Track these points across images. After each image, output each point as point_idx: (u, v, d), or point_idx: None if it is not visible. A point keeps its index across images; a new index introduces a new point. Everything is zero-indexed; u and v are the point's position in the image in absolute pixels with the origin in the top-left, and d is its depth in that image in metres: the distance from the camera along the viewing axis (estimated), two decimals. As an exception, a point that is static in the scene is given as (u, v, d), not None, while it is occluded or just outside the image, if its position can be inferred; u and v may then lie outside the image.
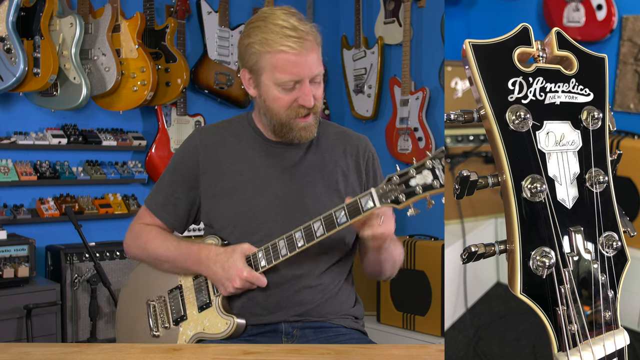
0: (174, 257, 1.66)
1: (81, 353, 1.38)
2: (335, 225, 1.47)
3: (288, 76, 1.52)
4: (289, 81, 1.53)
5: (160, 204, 1.71)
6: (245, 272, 1.55)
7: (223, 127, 1.74)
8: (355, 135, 1.77)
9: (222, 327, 1.59)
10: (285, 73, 1.52)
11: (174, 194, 1.70)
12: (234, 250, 1.58)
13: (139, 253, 1.73)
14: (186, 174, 1.69)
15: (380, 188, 1.42)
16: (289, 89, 1.54)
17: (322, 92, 1.60)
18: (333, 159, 1.69)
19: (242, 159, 1.67)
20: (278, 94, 1.55)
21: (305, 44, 1.52)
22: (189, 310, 1.66)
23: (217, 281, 1.59)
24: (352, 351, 1.41)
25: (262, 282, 1.56)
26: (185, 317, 1.66)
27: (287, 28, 1.51)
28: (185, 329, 1.65)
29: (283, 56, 1.51)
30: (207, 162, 1.67)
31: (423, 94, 3.77)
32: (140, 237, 1.72)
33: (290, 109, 1.57)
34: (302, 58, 1.52)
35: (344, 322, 1.66)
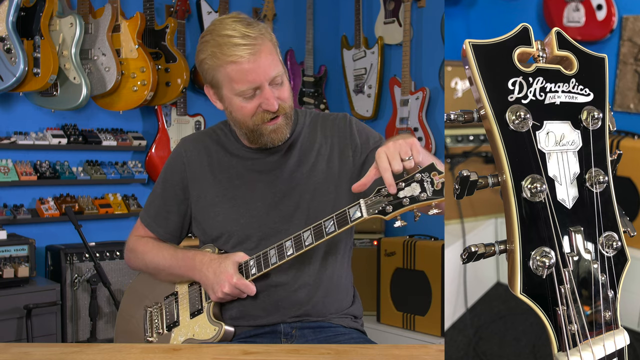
0: (169, 265, 1.67)
1: (81, 353, 1.38)
2: (324, 234, 1.48)
3: (245, 85, 1.50)
4: (247, 89, 1.51)
5: (153, 217, 1.74)
6: (235, 279, 1.56)
7: (206, 135, 1.73)
8: (332, 115, 1.73)
9: (210, 332, 1.61)
10: (241, 83, 1.50)
11: (165, 207, 1.71)
12: (227, 257, 1.60)
13: (138, 265, 1.76)
14: (175, 188, 1.70)
15: (369, 199, 1.42)
16: (250, 97, 1.52)
17: (287, 91, 1.56)
18: (315, 149, 1.66)
19: (228, 166, 1.67)
20: (240, 103, 1.53)
21: (255, 48, 1.48)
22: (181, 317, 1.67)
23: (208, 286, 1.60)
24: (352, 351, 1.41)
25: (251, 290, 1.57)
26: (178, 323, 1.68)
27: (235, 37, 1.48)
28: (176, 334, 1.67)
29: (235, 67, 1.49)
30: (193, 173, 1.68)
31: (423, 94, 3.77)
32: (137, 249, 1.74)
33: (255, 116, 1.54)
34: (254, 64, 1.48)
35: (343, 321, 1.66)
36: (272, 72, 1.51)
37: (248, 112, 1.54)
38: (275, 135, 1.58)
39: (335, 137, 1.68)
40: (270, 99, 1.51)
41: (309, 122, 1.71)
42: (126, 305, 1.83)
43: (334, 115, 1.73)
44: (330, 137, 1.68)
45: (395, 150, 1.34)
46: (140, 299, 1.79)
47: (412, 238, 3.46)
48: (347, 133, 1.67)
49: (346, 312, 1.69)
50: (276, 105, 1.52)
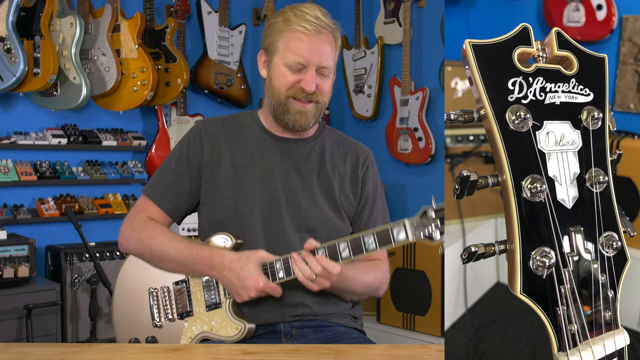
0: (182, 259, 1.62)
1: (81, 353, 1.38)
2: (363, 250, 1.46)
3: (297, 57, 1.58)
4: (297, 63, 1.58)
5: (161, 192, 1.69)
6: (262, 283, 1.53)
7: (227, 120, 1.74)
8: (359, 144, 1.79)
9: (232, 331, 1.58)
10: (295, 54, 1.58)
11: (176, 182, 1.68)
12: (249, 258, 1.55)
13: (137, 247, 1.68)
14: (189, 164, 1.68)
15: (415, 220, 1.41)
16: (295, 71, 1.59)
17: (328, 86, 1.64)
18: (332, 163, 1.70)
19: (243, 152, 1.68)
20: (285, 72, 1.60)
21: (322, 32, 1.59)
22: (196, 307, 1.63)
23: (232, 290, 1.57)
24: (352, 351, 1.41)
25: (278, 292, 1.55)
26: (192, 313, 1.63)
27: (310, 15, 1.59)
28: (190, 325, 1.63)
29: (297, 35, 1.58)
30: (210, 154, 1.67)
31: (423, 94, 3.77)
32: (143, 231, 1.67)
33: (291, 89, 1.61)
34: (313, 43, 1.58)
35: (343, 321, 1.66)
36: (324, 60, 1.59)
37: (287, 83, 1.61)
38: (300, 117, 1.63)
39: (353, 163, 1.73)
40: (311, 80, 1.59)
41: (337, 138, 1.77)
42: (123, 289, 1.75)
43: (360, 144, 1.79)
44: (350, 160, 1.73)
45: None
46: (141, 281, 1.71)
47: (412, 238, 3.46)
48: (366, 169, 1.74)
49: (346, 312, 1.69)
50: (313, 88, 1.59)
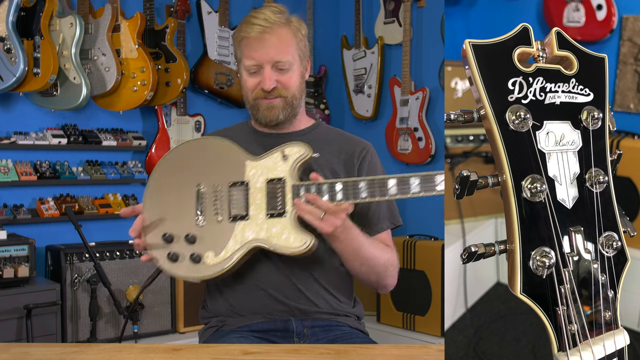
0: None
1: (81, 353, 1.38)
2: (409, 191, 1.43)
3: (249, 60, 1.63)
4: (251, 65, 1.63)
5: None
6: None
7: (225, 132, 1.78)
8: (357, 139, 1.78)
9: (295, 242, 1.49)
10: (247, 58, 1.64)
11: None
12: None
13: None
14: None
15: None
16: (254, 73, 1.64)
17: (291, 78, 1.65)
18: (324, 156, 1.67)
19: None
20: (245, 77, 1.66)
21: (267, 30, 1.60)
22: (253, 212, 1.54)
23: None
24: (352, 351, 1.42)
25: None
26: (247, 217, 1.54)
27: (257, 18, 1.62)
28: (243, 229, 1.53)
29: (246, 41, 1.64)
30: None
31: (423, 94, 3.77)
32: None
33: (255, 92, 1.65)
34: (261, 43, 1.61)
35: (348, 321, 1.68)
36: (275, 56, 1.62)
37: (249, 87, 1.66)
38: (268, 112, 1.66)
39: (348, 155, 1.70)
40: (267, 78, 1.62)
41: (333, 133, 1.77)
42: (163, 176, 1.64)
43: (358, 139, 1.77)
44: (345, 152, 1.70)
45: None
46: (191, 173, 1.61)
47: (412, 238, 3.46)
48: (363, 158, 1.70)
49: (350, 311, 1.70)
50: (271, 86, 1.62)
